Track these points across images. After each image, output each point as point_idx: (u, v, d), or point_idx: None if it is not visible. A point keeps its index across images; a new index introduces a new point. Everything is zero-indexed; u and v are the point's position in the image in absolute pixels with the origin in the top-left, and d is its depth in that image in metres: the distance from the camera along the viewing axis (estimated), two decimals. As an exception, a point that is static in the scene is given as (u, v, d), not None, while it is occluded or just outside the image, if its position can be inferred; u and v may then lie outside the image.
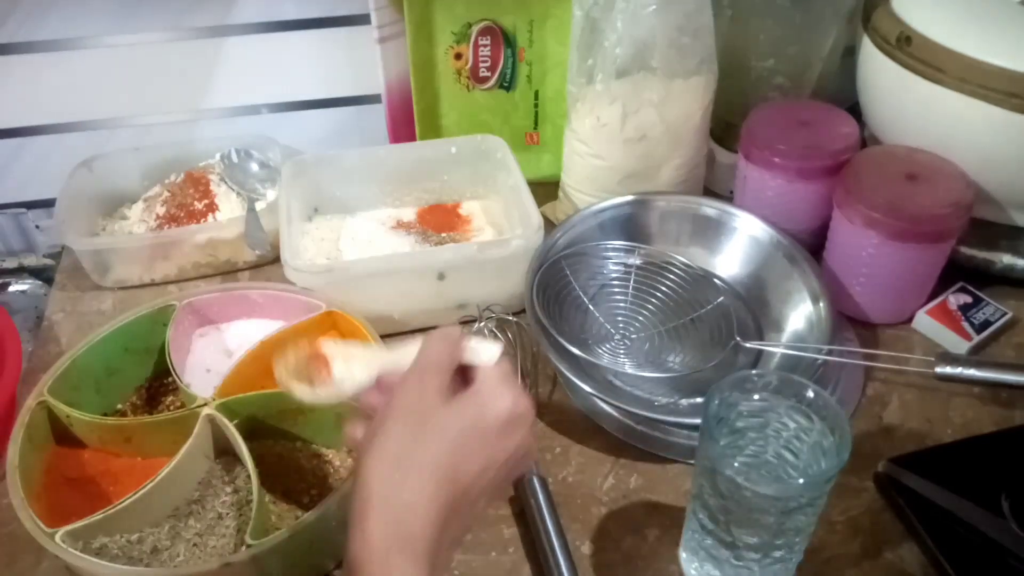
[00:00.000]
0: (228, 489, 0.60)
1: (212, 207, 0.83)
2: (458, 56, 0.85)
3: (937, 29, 0.69)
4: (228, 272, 0.83)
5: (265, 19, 0.86)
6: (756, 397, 0.51)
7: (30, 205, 0.92)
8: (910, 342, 0.74)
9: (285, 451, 0.63)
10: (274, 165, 0.87)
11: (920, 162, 0.71)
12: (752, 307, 0.75)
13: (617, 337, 0.72)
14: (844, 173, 0.71)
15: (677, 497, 0.62)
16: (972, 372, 0.63)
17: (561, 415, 0.68)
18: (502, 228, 0.83)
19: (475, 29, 0.84)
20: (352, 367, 0.46)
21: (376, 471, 0.40)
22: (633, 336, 0.72)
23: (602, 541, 0.59)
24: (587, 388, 0.63)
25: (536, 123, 0.91)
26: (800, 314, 0.71)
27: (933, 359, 0.64)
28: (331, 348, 0.46)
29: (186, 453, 0.58)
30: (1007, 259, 0.76)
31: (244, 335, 0.71)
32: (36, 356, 0.74)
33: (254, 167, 0.88)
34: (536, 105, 0.90)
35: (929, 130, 0.72)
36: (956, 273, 0.76)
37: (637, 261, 0.76)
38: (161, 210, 0.83)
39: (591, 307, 0.73)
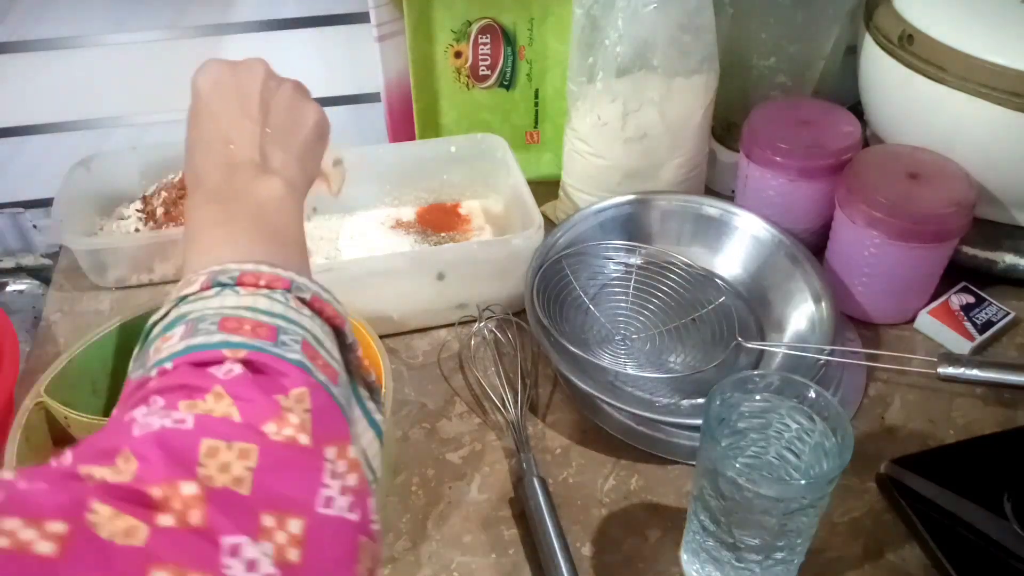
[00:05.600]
0: (226, 490, 0.60)
1: (211, 206, 0.82)
2: (458, 54, 0.85)
3: (940, 28, 0.69)
4: (227, 272, 0.83)
5: (264, 17, 0.85)
6: (757, 398, 0.50)
7: (28, 205, 0.92)
8: (912, 342, 0.73)
9: (284, 452, 0.63)
10: (273, 164, 0.86)
11: (922, 161, 0.71)
12: (754, 307, 0.75)
13: (618, 337, 0.71)
14: (846, 172, 0.71)
15: (678, 498, 0.61)
16: (974, 372, 0.63)
17: (561, 416, 0.67)
18: (502, 228, 0.82)
19: (475, 27, 0.83)
20: None
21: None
22: (634, 336, 0.71)
23: (603, 542, 0.59)
24: (588, 388, 0.63)
25: (536, 122, 0.91)
26: (802, 314, 0.70)
27: (935, 359, 0.64)
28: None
29: (184, 454, 0.57)
30: (1010, 259, 0.75)
31: (242, 335, 0.71)
32: (34, 356, 0.74)
33: (253, 166, 0.87)
34: (536, 104, 0.90)
35: (931, 129, 0.72)
36: (958, 273, 0.75)
37: (638, 261, 0.76)
38: (159, 210, 0.83)
39: (592, 307, 0.73)
